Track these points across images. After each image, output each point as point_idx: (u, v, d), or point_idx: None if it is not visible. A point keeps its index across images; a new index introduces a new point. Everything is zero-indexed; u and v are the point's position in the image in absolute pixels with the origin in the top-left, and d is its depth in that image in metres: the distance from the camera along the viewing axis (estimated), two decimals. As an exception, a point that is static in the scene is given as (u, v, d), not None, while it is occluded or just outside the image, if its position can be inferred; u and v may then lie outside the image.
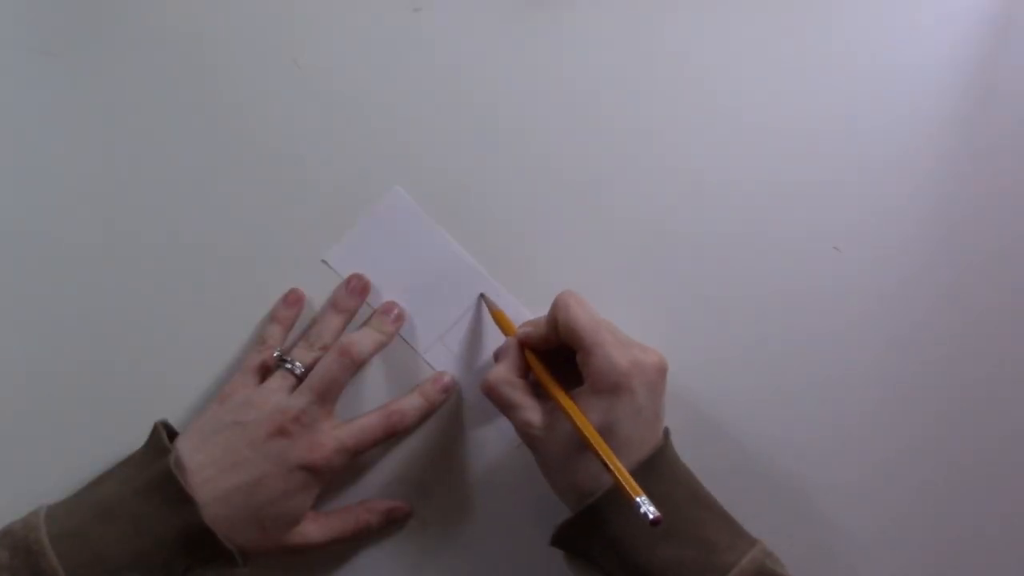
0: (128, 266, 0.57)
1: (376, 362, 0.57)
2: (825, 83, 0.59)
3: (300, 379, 0.53)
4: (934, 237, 0.58)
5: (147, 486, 0.50)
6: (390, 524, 0.55)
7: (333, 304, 0.56)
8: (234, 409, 0.52)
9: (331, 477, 0.53)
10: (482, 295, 0.57)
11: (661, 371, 0.51)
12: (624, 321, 0.54)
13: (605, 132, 0.59)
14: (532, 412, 0.51)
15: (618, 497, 0.47)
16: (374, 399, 0.56)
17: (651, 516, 0.45)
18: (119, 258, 0.57)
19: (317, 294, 0.57)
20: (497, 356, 0.54)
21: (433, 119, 0.58)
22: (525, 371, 0.53)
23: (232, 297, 0.57)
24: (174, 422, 0.55)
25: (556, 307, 0.51)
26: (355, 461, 0.53)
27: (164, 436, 0.52)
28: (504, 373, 0.52)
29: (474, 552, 0.56)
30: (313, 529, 0.53)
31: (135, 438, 0.53)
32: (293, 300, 0.56)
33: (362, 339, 0.54)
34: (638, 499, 0.45)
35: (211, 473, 0.50)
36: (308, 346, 0.55)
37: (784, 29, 0.60)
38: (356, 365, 0.54)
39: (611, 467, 0.47)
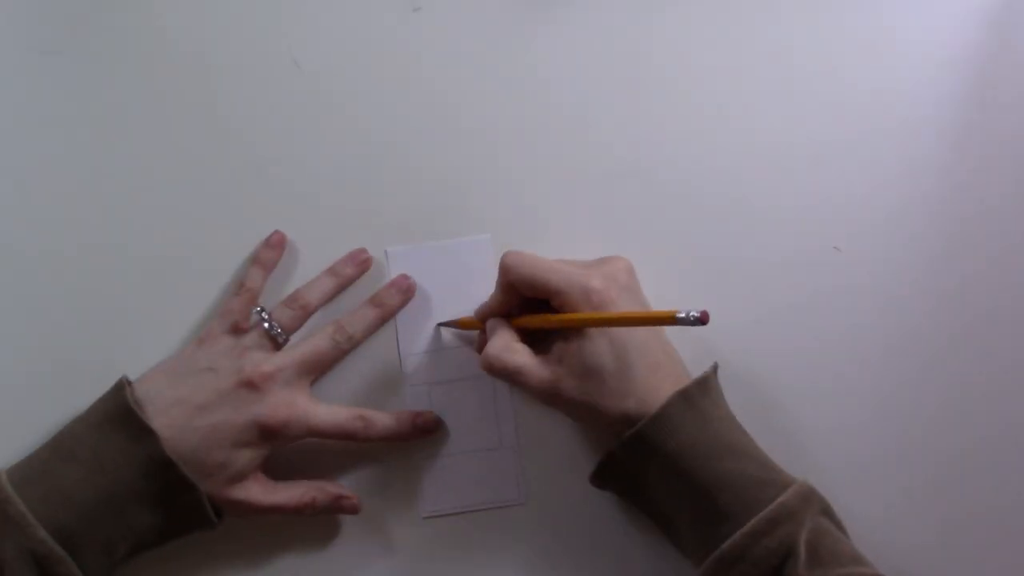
0: (127, 264, 0.57)
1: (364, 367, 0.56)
2: (825, 83, 0.59)
3: (276, 340, 0.54)
4: (934, 237, 0.58)
5: (107, 421, 0.50)
6: (335, 511, 0.55)
7: (329, 270, 0.56)
8: (210, 356, 0.53)
9: (283, 445, 0.53)
10: (439, 325, 0.56)
11: (629, 272, 0.53)
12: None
13: (606, 131, 0.58)
14: (541, 369, 0.51)
15: (670, 415, 0.48)
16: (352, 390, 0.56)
17: (696, 314, 0.44)
18: (118, 257, 0.57)
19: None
20: (481, 345, 0.54)
21: (433, 119, 0.58)
22: (517, 339, 0.53)
23: (223, 295, 0.56)
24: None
25: (504, 270, 0.51)
26: (309, 438, 0.53)
27: (124, 378, 0.52)
28: (502, 341, 0.51)
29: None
30: (256, 490, 0.52)
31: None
32: (276, 242, 0.56)
33: (358, 321, 0.55)
34: (678, 313, 0.45)
35: (177, 412, 0.50)
36: (290, 304, 0.55)
37: (784, 30, 0.60)
38: (348, 348, 0.54)
39: (649, 317, 0.49)
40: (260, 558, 0.55)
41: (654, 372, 0.50)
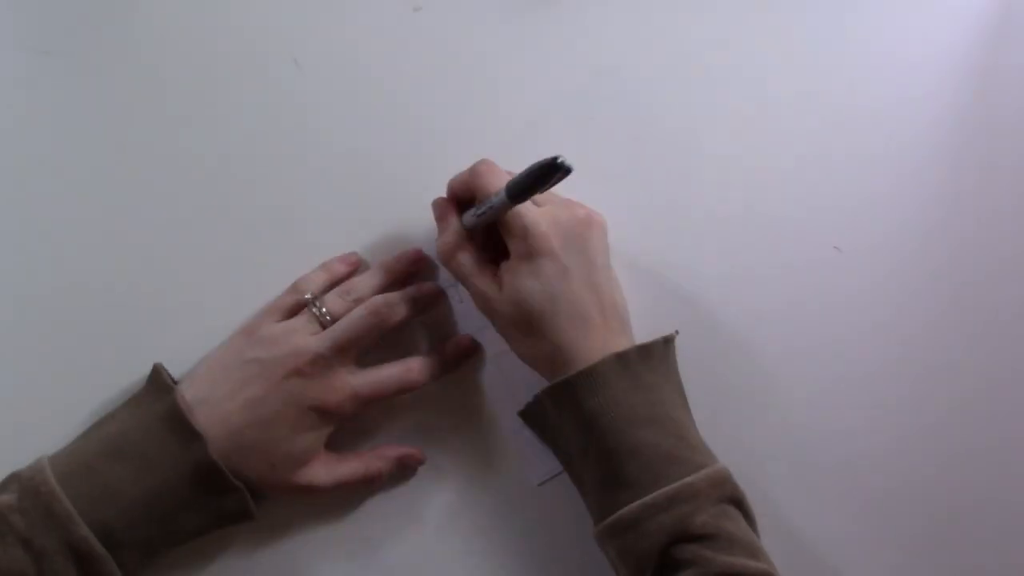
0: (127, 264, 0.56)
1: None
2: (825, 83, 0.59)
3: (324, 326, 0.53)
4: (934, 236, 0.58)
5: (155, 423, 0.50)
6: (401, 471, 0.55)
7: (381, 264, 0.56)
8: (255, 345, 0.52)
9: (342, 420, 0.53)
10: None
11: (585, 224, 0.51)
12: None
13: (605, 131, 0.59)
14: (481, 280, 0.51)
15: (600, 373, 0.48)
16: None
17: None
18: (118, 257, 0.56)
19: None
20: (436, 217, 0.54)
21: (433, 119, 0.58)
22: (465, 236, 0.53)
23: (228, 297, 0.56)
24: (172, 369, 0.54)
25: (472, 175, 0.52)
26: (368, 409, 0.53)
27: (166, 375, 0.52)
28: (452, 238, 0.52)
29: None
30: (321, 472, 0.53)
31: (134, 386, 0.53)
32: (352, 260, 0.56)
33: (398, 304, 0.54)
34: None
35: (227, 407, 0.50)
36: (342, 294, 0.54)
37: (783, 29, 0.60)
38: (384, 328, 0.53)
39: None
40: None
41: (578, 325, 0.49)
